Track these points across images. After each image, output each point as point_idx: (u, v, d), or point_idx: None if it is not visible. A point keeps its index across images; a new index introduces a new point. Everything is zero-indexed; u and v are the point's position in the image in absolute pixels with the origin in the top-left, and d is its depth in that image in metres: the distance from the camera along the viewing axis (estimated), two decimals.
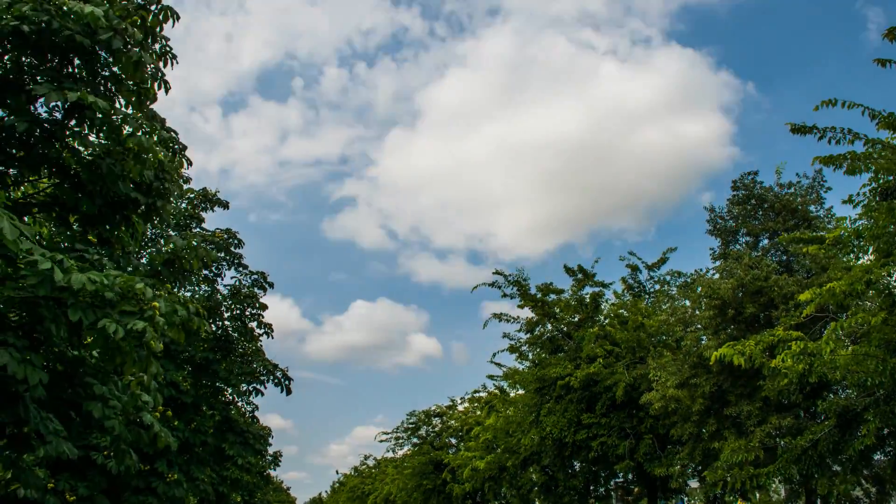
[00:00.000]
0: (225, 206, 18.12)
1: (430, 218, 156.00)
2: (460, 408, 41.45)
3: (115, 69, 8.58)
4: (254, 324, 19.32)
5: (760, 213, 20.34)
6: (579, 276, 25.57)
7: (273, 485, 60.67)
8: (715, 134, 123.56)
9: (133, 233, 9.06)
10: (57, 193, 8.82)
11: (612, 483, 27.05)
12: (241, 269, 18.96)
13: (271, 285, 19.50)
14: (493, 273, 25.28)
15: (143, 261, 12.80)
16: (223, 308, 18.56)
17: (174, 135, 8.77)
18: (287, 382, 18.92)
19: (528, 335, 25.58)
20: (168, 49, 8.43)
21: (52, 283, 6.12)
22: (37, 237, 8.87)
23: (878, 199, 11.67)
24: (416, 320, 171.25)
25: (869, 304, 13.69)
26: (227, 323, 18.76)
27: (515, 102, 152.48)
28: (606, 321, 24.57)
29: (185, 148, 8.77)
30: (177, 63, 8.47)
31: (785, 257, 19.51)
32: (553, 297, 25.17)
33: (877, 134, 11.43)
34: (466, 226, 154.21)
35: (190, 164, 8.88)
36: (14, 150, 8.35)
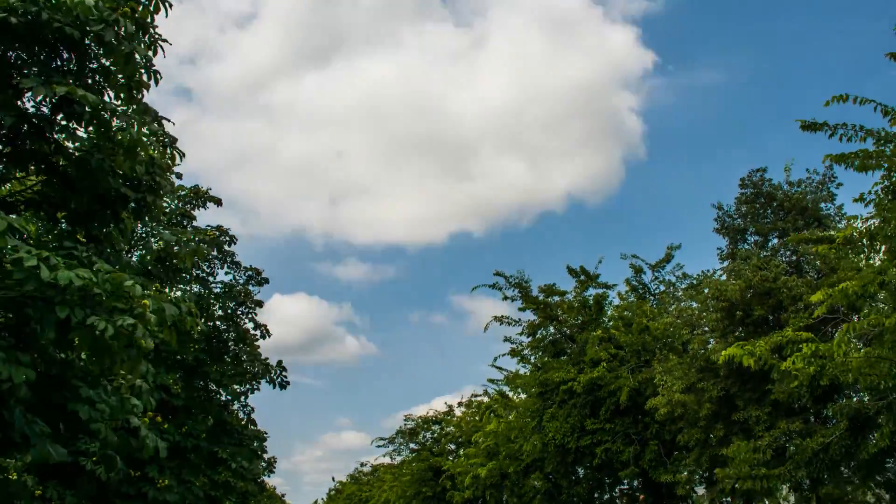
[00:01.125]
0: (218, 202, 18.06)
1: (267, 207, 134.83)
2: (458, 412, 41.42)
3: (104, 61, 8.54)
4: (249, 324, 19.27)
5: (769, 211, 20.30)
6: (582, 277, 25.55)
7: (268, 492, 60.53)
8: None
9: (123, 230, 9.02)
10: (45, 190, 8.78)
11: (616, 490, 26.98)
12: (233, 266, 18.92)
13: (266, 281, 19.43)
14: (494, 274, 25.26)
15: (134, 259, 12.75)
16: (216, 307, 18.51)
17: (164, 127, 8.72)
18: (281, 379, 18.89)
19: (530, 338, 25.55)
20: (157, 36, 8.40)
21: (39, 280, 6.09)
22: (24, 235, 8.84)
23: (890, 197, 11.63)
24: (340, 317, 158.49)
25: (882, 305, 13.66)
26: (219, 323, 18.72)
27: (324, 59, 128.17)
28: (610, 324, 24.55)
29: (175, 140, 8.72)
30: (169, 44, 8.43)
31: (794, 257, 19.47)
32: (556, 298, 25.15)
33: (891, 129, 11.40)
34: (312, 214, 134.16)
35: (182, 156, 8.83)
36: (1, 146, 8.32)
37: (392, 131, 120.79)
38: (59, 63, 8.27)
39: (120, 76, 8.51)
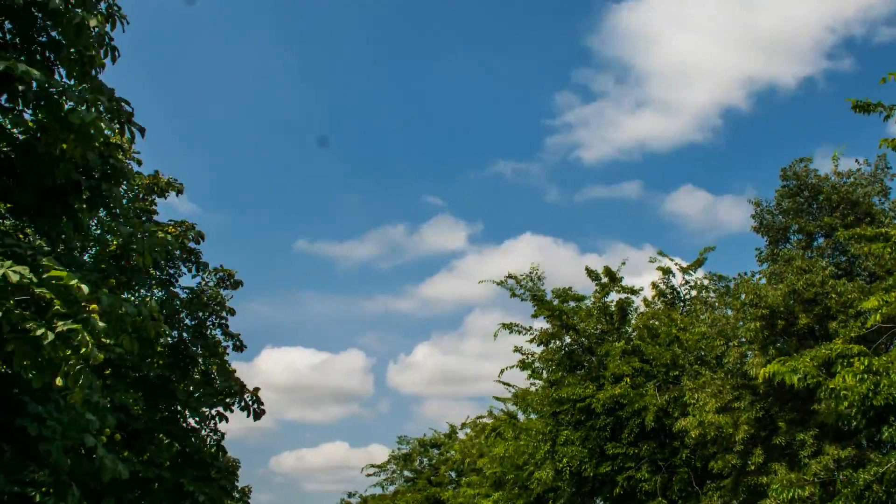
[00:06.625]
0: (179, 190, 17.95)
1: None
2: (461, 435, 41.41)
3: (53, 34, 8.51)
4: (218, 332, 19.13)
5: (815, 206, 20.26)
6: (604, 279, 25.51)
7: None
8: None
9: (76, 225, 8.98)
10: None
11: None
12: (201, 268, 18.78)
13: (240, 284, 19.27)
14: (506, 277, 25.21)
15: (87, 258, 12.72)
16: (182, 315, 18.39)
17: (125, 105, 8.67)
18: (256, 406, 18.79)
19: (543, 349, 25.45)
20: (116, 8, 8.37)
21: None
22: None
23: None
24: None
25: None
26: (185, 334, 18.60)
27: None
28: (635, 333, 24.49)
29: (131, 115, 8.62)
30: (127, 23, 8.40)
31: (844, 258, 19.44)
32: (572, 304, 25.10)
33: None
34: None
35: (143, 133, 8.76)
36: None
37: None
38: (0, 35, 8.25)
39: (72, 50, 8.48)
